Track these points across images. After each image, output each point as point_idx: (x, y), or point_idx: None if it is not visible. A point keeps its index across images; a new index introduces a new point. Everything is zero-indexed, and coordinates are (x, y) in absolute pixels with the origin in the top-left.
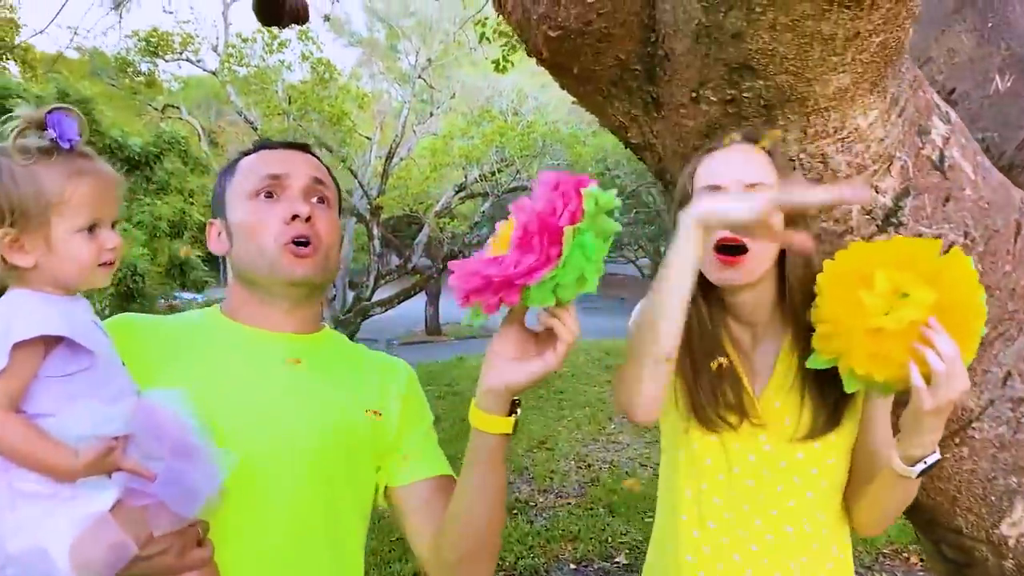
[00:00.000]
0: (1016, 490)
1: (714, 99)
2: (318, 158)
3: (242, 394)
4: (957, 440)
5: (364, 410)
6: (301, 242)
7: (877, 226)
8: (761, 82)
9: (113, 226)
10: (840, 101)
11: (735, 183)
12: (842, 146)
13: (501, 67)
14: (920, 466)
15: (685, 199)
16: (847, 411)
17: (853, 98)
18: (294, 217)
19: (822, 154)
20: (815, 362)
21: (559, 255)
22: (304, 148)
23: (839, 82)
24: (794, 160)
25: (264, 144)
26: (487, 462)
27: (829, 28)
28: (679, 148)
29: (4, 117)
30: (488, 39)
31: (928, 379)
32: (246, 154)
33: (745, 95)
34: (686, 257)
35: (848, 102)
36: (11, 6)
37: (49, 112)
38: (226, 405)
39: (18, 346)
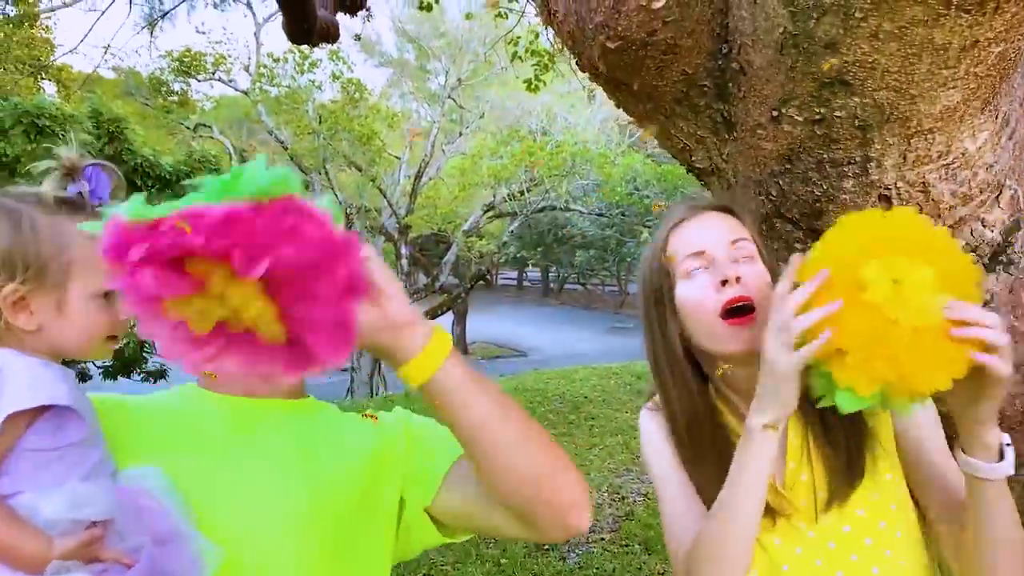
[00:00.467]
0: None
1: (799, 118)
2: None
3: (228, 468)
4: None
5: (378, 477)
6: None
7: (984, 265)
8: (857, 99)
9: None
10: (947, 121)
11: (720, 243)
12: (946, 173)
13: (533, 86)
14: (1003, 461)
15: (658, 277)
16: (868, 455)
17: (962, 118)
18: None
19: (923, 182)
20: (850, 402)
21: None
22: None
23: (948, 99)
24: (890, 189)
25: None
26: (453, 400)
27: (942, 36)
28: (754, 174)
29: (42, 162)
30: (520, 58)
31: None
32: None
33: (837, 114)
34: (761, 459)
35: (956, 123)
36: (47, 27)
37: (88, 165)
38: (212, 484)
39: (11, 416)
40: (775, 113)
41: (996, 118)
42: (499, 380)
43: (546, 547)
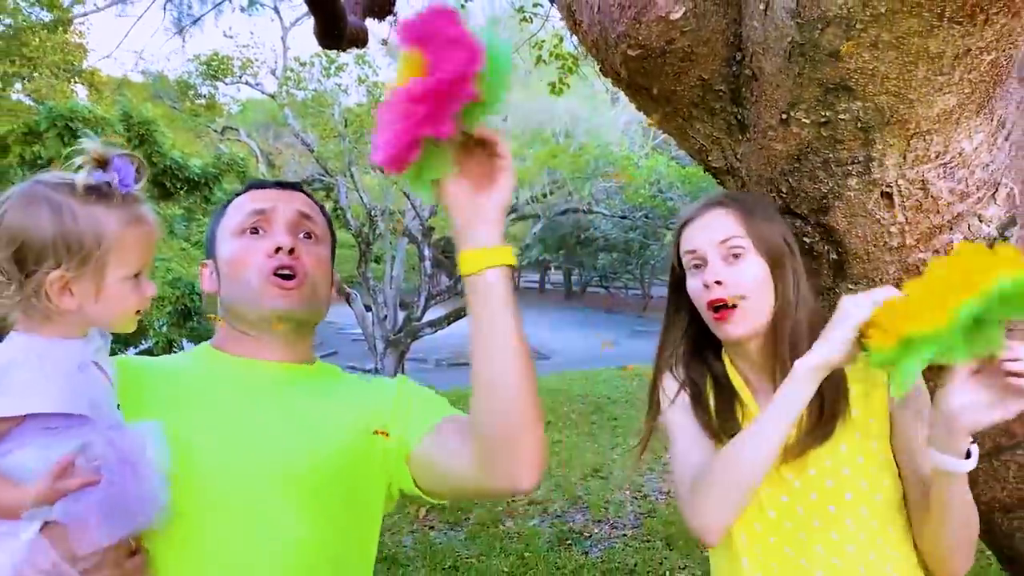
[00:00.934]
0: None
1: (806, 121)
2: (309, 196)
3: (230, 419)
4: None
5: (371, 431)
6: (284, 274)
7: None
8: (859, 103)
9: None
10: (944, 124)
11: (709, 243)
12: (944, 171)
13: (557, 90)
14: (968, 459)
15: (676, 266)
16: (851, 426)
17: (958, 120)
18: (277, 250)
19: (922, 180)
20: (875, 360)
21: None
22: (294, 186)
23: (944, 103)
24: (891, 187)
25: (254, 184)
26: (488, 302)
27: (937, 45)
28: (765, 172)
29: (69, 150)
30: (544, 61)
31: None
32: (237, 195)
33: (841, 117)
34: (797, 399)
35: (952, 125)
36: (81, 32)
37: (115, 155)
38: (212, 432)
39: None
40: (784, 116)
41: (992, 120)
42: None
43: (568, 541)
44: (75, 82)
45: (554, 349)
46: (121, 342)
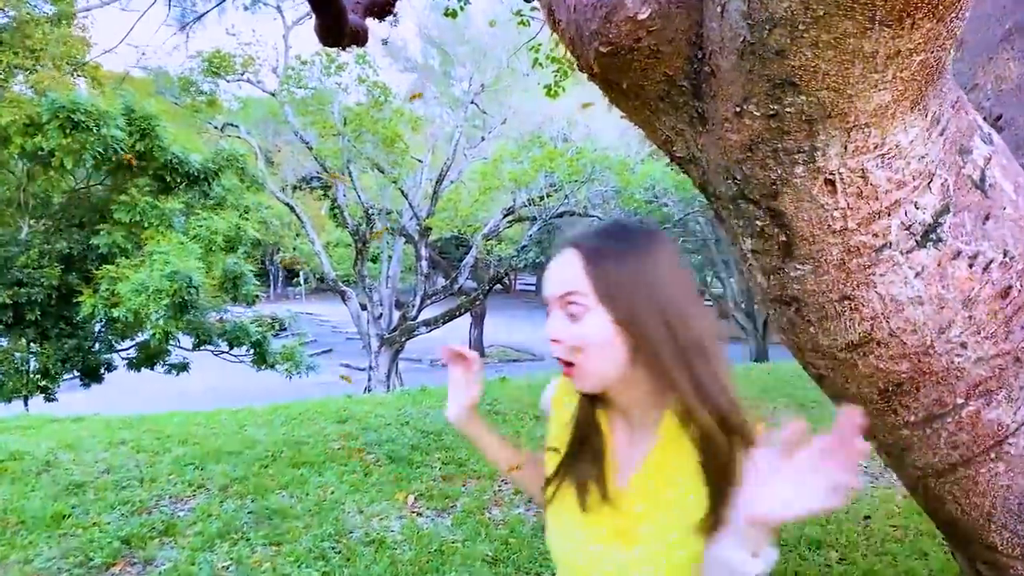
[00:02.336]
0: None
1: (757, 114)
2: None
3: None
4: (992, 455)
5: None
6: None
7: (916, 241)
8: (803, 97)
9: None
10: (881, 118)
11: (551, 296)
12: (882, 162)
13: (553, 92)
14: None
15: None
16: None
17: (894, 115)
18: None
19: (862, 169)
20: None
21: None
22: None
23: (880, 99)
24: (834, 175)
25: None
26: None
27: (870, 46)
28: (722, 161)
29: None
30: (541, 64)
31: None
32: None
33: (788, 110)
34: None
35: (889, 119)
36: (84, 26)
37: None
38: None
39: None
40: (738, 109)
41: (926, 116)
42: (512, 377)
43: None
44: (78, 75)
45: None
46: (118, 334)
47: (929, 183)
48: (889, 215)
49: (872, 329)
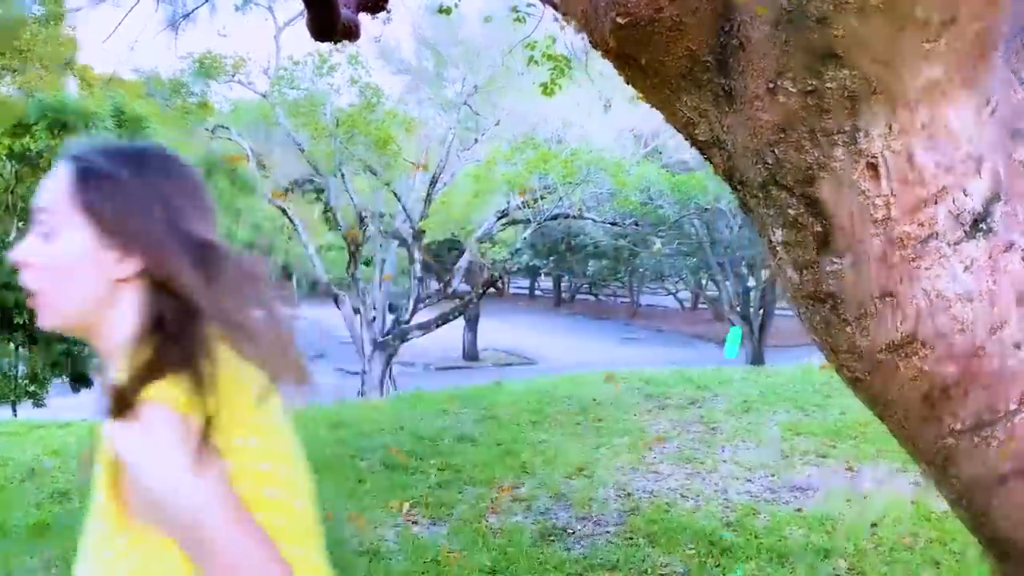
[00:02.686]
0: None
1: (793, 90)
2: None
3: None
4: None
5: None
6: None
7: (965, 232)
8: (846, 71)
9: None
10: (930, 95)
11: (35, 208)
12: (930, 144)
13: (549, 90)
14: None
15: None
16: None
17: (944, 92)
18: None
19: (908, 152)
20: None
21: None
22: None
23: (930, 73)
24: (877, 158)
25: None
26: None
27: (923, 11)
28: (751, 143)
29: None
30: (536, 62)
31: None
32: None
33: (828, 85)
34: None
35: (939, 96)
36: (72, 26)
37: None
38: None
39: None
40: (771, 85)
41: (978, 95)
42: (508, 381)
43: (551, 537)
44: (68, 73)
45: (542, 355)
46: None
47: (979, 168)
48: (936, 203)
49: (916, 328)
